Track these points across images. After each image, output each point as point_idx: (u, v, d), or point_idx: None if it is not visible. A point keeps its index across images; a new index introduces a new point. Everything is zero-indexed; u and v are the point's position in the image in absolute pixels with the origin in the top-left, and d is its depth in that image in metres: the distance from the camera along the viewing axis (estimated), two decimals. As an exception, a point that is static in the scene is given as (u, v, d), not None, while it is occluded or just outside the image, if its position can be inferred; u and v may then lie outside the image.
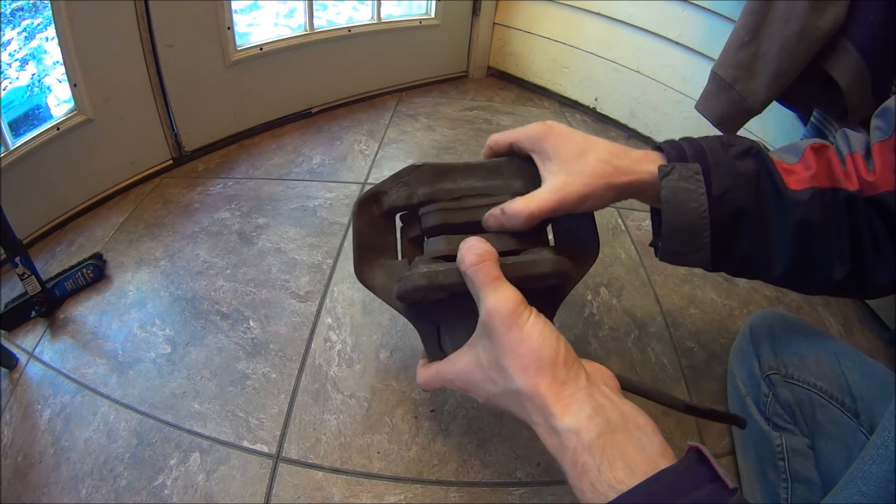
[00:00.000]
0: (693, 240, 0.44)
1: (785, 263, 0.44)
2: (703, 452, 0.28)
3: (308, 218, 1.11)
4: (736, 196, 0.43)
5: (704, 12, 1.22)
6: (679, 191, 0.42)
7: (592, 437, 0.29)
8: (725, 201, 0.42)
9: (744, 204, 0.43)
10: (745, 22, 0.88)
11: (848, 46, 0.80)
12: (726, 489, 0.26)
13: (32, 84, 1.06)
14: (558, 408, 0.30)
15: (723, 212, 0.43)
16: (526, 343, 0.32)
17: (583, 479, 0.28)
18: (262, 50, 1.29)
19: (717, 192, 0.42)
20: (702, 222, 0.43)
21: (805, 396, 0.59)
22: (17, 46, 1.03)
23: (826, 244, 0.43)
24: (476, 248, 0.35)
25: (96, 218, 1.11)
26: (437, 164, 0.44)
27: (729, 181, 0.43)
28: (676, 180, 0.43)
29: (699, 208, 0.43)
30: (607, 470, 0.28)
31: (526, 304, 0.33)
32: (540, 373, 0.31)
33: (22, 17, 1.02)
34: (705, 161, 0.43)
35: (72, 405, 0.76)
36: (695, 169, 0.43)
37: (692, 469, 0.27)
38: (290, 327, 0.88)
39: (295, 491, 0.68)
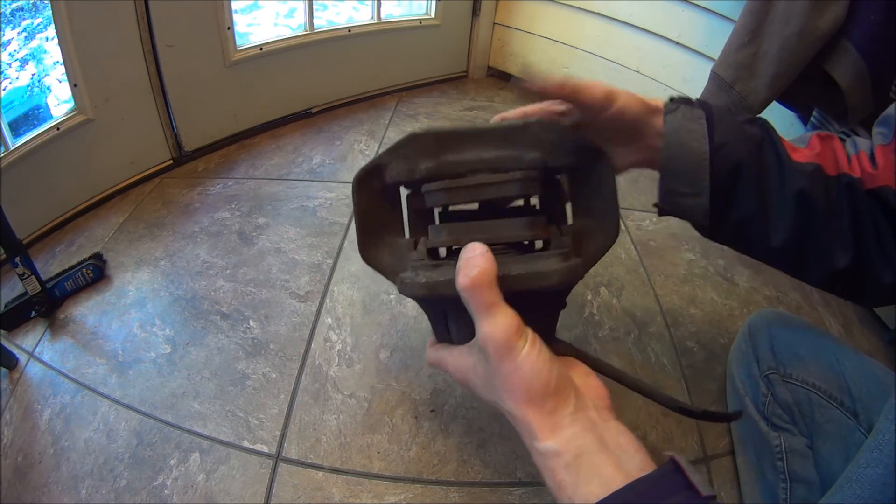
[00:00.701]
0: (692, 179, 0.44)
1: (785, 233, 0.44)
2: (678, 462, 0.29)
3: (308, 218, 1.11)
4: (737, 150, 0.43)
5: (704, 12, 1.22)
6: (681, 129, 0.43)
7: (570, 458, 0.30)
8: (726, 151, 0.43)
9: (744, 160, 0.43)
10: (745, 22, 0.88)
11: (848, 46, 0.80)
12: (699, 498, 0.27)
13: (32, 84, 1.06)
14: (542, 433, 0.31)
15: (722, 161, 0.43)
16: (517, 374, 0.32)
17: (561, 495, 0.30)
18: (262, 50, 1.29)
19: (718, 140, 0.43)
20: (701, 163, 0.43)
21: (804, 396, 0.59)
22: (17, 46, 1.03)
23: (828, 225, 0.43)
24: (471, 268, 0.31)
25: (96, 218, 1.11)
26: (440, 131, 0.38)
27: (731, 135, 0.43)
28: (680, 119, 0.43)
29: (700, 148, 0.43)
30: (583, 486, 0.29)
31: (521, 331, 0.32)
32: (527, 402, 0.32)
33: (22, 17, 1.02)
34: (710, 112, 0.44)
35: (72, 405, 0.77)
36: (699, 114, 0.44)
37: (667, 478, 0.28)
38: (290, 327, 0.88)
39: (295, 491, 0.68)
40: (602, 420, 0.32)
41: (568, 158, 0.37)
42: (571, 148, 0.37)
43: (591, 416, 0.32)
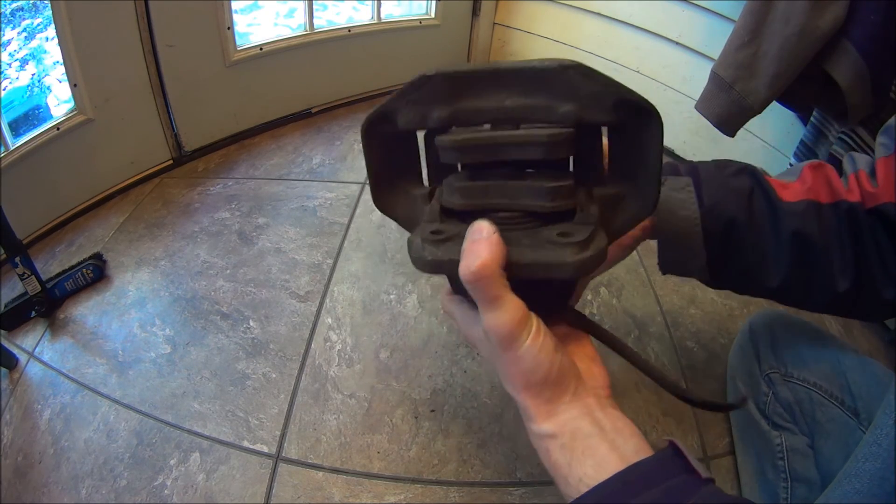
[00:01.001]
0: (687, 246, 0.46)
1: (783, 274, 0.45)
2: (677, 446, 0.29)
3: (308, 218, 1.11)
4: (727, 207, 0.45)
5: (704, 12, 1.22)
6: (670, 199, 0.45)
7: (565, 439, 0.30)
8: (717, 212, 0.45)
9: (736, 215, 0.45)
10: (745, 22, 0.88)
11: (848, 46, 0.80)
12: (699, 479, 0.27)
13: (32, 84, 1.06)
14: (539, 417, 0.32)
15: (715, 221, 0.45)
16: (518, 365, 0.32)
17: (557, 474, 0.31)
18: (262, 50, 1.29)
19: (708, 202, 0.45)
20: (694, 230, 0.45)
21: (805, 395, 0.59)
22: (17, 46, 1.03)
23: (825, 256, 0.44)
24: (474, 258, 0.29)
25: (96, 218, 1.11)
26: (455, 72, 0.32)
27: (721, 194, 0.45)
28: (667, 190, 0.45)
29: (691, 216, 0.45)
30: (577, 466, 0.29)
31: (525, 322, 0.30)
32: (527, 391, 0.32)
33: (22, 17, 1.02)
34: (697, 176, 0.46)
35: (72, 405, 0.77)
36: (685, 182, 0.46)
37: (666, 462, 0.28)
38: (290, 327, 0.88)
39: (295, 491, 0.68)
40: (600, 406, 0.32)
41: (609, 115, 0.31)
42: (614, 102, 0.31)
43: (589, 402, 0.32)
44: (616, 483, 0.27)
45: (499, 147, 0.31)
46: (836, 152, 0.91)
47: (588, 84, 0.31)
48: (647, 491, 0.26)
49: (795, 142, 1.05)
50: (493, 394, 0.80)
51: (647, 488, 0.27)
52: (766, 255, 0.46)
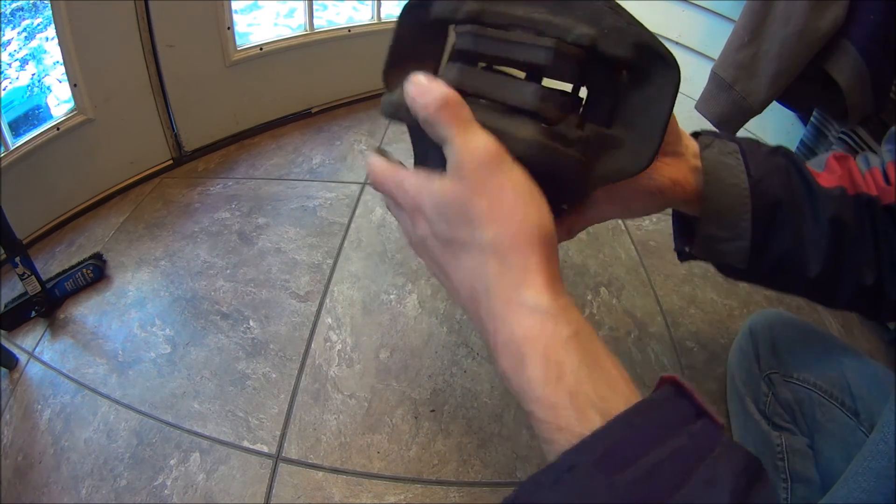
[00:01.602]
0: (732, 221, 0.41)
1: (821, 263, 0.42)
2: (681, 384, 0.23)
3: (308, 218, 1.11)
4: (772, 184, 0.41)
5: (704, 12, 1.22)
6: (720, 164, 0.40)
7: (572, 330, 0.23)
8: (764, 186, 0.40)
9: (780, 194, 0.41)
10: (745, 22, 0.88)
11: (848, 46, 0.80)
12: (717, 426, 0.22)
13: (32, 84, 1.06)
14: (539, 279, 0.23)
15: (762, 197, 0.40)
16: (511, 192, 0.24)
17: (557, 386, 0.22)
18: (262, 50, 1.29)
19: (755, 174, 0.40)
20: (743, 202, 0.40)
21: (805, 395, 0.59)
22: (17, 46, 1.03)
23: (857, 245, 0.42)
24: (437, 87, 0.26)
25: (96, 218, 1.11)
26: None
27: (764, 169, 0.41)
28: (717, 153, 0.40)
29: (740, 185, 0.40)
30: (588, 378, 0.22)
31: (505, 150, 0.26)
32: (525, 233, 0.24)
33: (22, 17, 1.03)
34: (741, 145, 0.41)
35: (72, 405, 0.76)
36: (732, 148, 0.41)
37: (674, 402, 0.23)
38: (290, 327, 0.88)
39: (295, 491, 0.68)
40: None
41: (625, 50, 0.31)
42: (634, 42, 0.31)
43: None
44: (628, 424, 0.21)
45: (508, 44, 0.31)
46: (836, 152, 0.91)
47: (614, 17, 0.31)
48: (669, 438, 0.21)
49: (795, 142, 1.05)
50: (493, 394, 0.80)
51: (669, 433, 0.21)
52: (805, 240, 0.42)
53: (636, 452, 0.20)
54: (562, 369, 0.22)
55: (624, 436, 0.20)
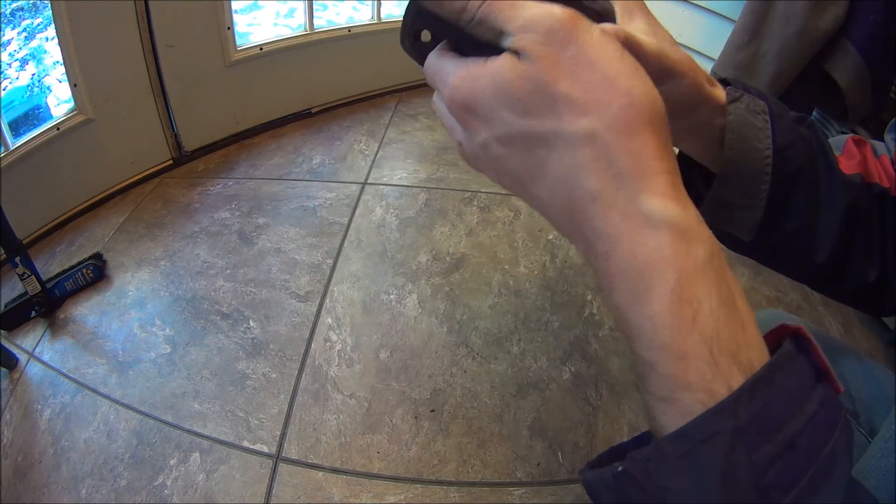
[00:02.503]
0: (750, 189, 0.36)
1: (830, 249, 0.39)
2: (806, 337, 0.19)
3: (308, 218, 1.11)
4: (797, 154, 0.36)
5: (704, 12, 1.22)
6: (746, 123, 0.35)
7: (708, 253, 0.17)
8: (787, 155, 0.36)
9: (803, 166, 0.37)
10: (745, 22, 0.88)
11: (848, 46, 0.80)
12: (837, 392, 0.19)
13: (32, 84, 1.06)
14: (662, 179, 0.18)
15: (784, 166, 0.36)
16: (600, 69, 0.18)
17: (691, 330, 0.17)
18: (262, 50, 1.29)
19: (781, 142, 0.35)
20: (764, 168, 0.36)
21: (805, 397, 0.59)
22: (17, 46, 1.03)
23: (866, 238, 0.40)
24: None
25: (96, 218, 1.11)
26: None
27: (791, 136, 0.36)
28: (744, 110, 0.35)
29: (763, 150, 0.35)
30: (725, 322, 0.17)
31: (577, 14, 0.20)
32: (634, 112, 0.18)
33: (22, 17, 1.03)
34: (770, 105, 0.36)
35: (72, 405, 0.77)
36: (762, 107, 0.36)
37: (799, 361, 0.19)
38: (290, 327, 0.88)
39: (295, 491, 0.68)
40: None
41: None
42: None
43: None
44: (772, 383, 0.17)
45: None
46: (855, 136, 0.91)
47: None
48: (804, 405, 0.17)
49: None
50: (493, 394, 0.80)
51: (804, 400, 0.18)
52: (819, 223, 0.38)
53: (780, 419, 0.17)
54: (698, 308, 0.17)
55: (766, 400, 0.16)
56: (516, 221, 1.10)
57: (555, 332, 0.89)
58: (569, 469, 0.72)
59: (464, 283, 0.96)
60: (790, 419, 0.16)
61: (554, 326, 0.90)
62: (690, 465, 0.16)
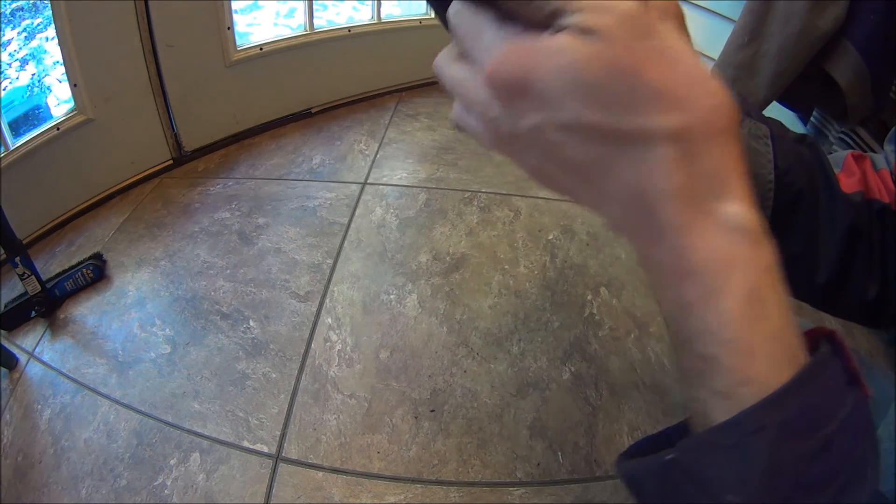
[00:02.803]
0: None
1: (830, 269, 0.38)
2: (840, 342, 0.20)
3: (308, 218, 1.11)
4: (798, 177, 0.36)
5: (704, 12, 1.22)
6: (749, 150, 0.33)
7: (772, 259, 0.18)
8: (789, 179, 0.35)
9: (804, 189, 0.36)
10: (745, 22, 0.88)
11: (848, 46, 0.80)
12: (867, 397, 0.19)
13: (32, 84, 1.06)
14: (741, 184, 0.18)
15: (785, 191, 0.35)
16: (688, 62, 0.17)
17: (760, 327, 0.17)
18: (262, 50, 1.29)
19: (782, 165, 0.35)
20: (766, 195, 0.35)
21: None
22: (17, 46, 1.03)
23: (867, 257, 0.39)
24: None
25: (96, 218, 1.11)
26: None
27: (792, 159, 0.36)
28: (746, 136, 0.34)
29: (766, 176, 0.34)
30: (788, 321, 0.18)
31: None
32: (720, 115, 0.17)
33: (22, 17, 1.02)
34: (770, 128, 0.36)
35: (72, 405, 0.77)
36: (764, 131, 0.35)
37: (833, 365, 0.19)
38: (290, 327, 0.88)
39: (295, 491, 0.68)
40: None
41: None
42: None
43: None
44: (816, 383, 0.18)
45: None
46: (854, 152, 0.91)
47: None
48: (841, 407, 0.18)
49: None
50: (493, 394, 0.80)
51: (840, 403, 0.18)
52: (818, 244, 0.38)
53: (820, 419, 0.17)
54: (766, 307, 0.18)
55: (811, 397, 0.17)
56: (516, 221, 1.10)
57: (555, 332, 0.89)
58: (569, 469, 0.72)
59: (464, 283, 0.96)
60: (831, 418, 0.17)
61: (554, 326, 0.90)
62: (740, 455, 0.16)
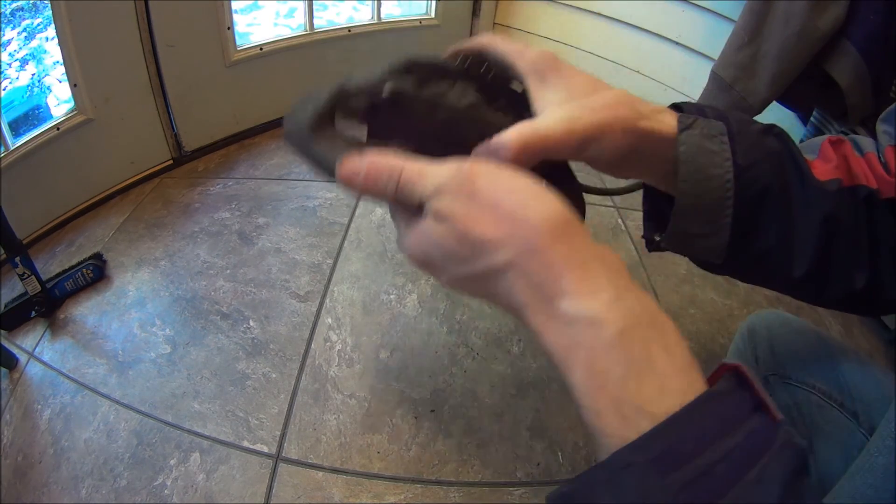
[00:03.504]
0: (711, 217, 0.36)
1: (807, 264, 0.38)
2: (744, 373, 0.22)
3: (308, 218, 1.11)
4: (762, 172, 0.35)
5: (704, 12, 1.22)
6: (701, 151, 0.34)
7: (615, 331, 0.21)
8: (751, 176, 0.35)
9: (770, 183, 0.36)
10: (745, 22, 0.88)
11: (848, 46, 0.80)
12: (774, 422, 0.21)
13: (32, 84, 1.06)
14: (571, 280, 0.22)
15: (748, 188, 0.35)
16: (503, 206, 0.23)
17: (600, 395, 0.21)
18: (262, 50, 1.29)
19: (743, 161, 0.34)
20: (725, 195, 0.35)
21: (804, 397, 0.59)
22: (17, 46, 1.03)
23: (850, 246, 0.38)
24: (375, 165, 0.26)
25: (96, 218, 1.11)
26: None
27: (755, 154, 0.35)
28: (698, 137, 0.34)
29: (723, 175, 0.35)
30: (634, 385, 0.21)
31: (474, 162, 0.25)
32: (537, 235, 0.22)
33: (22, 17, 1.02)
34: (729, 124, 0.35)
35: (72, 405, 0.77)
36: (719, 129, 0.35)
37: (735, 395, 0.22)
38: (290, 327, 0.88)
39: (295, 491, 0.68)
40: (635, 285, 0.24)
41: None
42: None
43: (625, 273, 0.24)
44: (684, 423, 0.20)
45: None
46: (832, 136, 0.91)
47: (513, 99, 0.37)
48: (724, 437, 0.20)
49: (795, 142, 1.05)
50: (493, 394, 0.80)
51: (724, 433, 0.20)
52: (792, 238, 0.37)
53: (692, 451, 0.20)
54: (605, 378, 0.21)
55: (679, 434, 0.20)
56: (516, 221, 1.10)
57: (555, 332, 0.89)
58: (569, 469, 0.72)
59: (464, 283, 0.96)
60: (704, 451, 0.20)
61: (554, 326, 0.90)
62: (615, 488, 0.20)
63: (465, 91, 0.35)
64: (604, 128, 0.31)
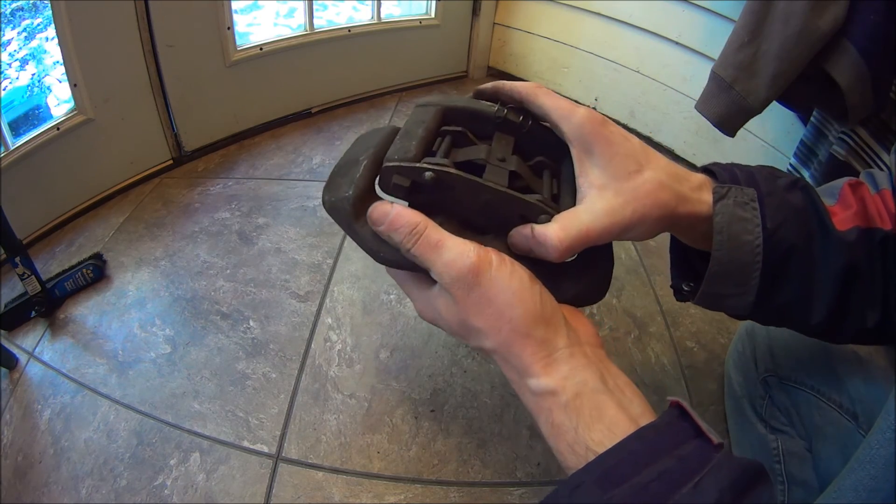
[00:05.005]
0: (741, 280, 0.38)
1: (825, 311, 0.39)
2: (684, 407, 0.26)
3: (308, 218, 1.11)
4: (789, 231, 0.37)
5: (704, 12, 1.22)
6: (735, 219, 0.36)
7: (569, 397, 0.27)
8: (778, 237, 0.37)
9: (795, 243, 0.37)
10: (745, 22, 0.88)
11: (848, 46, 0.80)
12: (711, 444, 0.25)
13: (32, 84, 1.06)
14: (535, 367, 0.28)
15: (775, 249, 0.37)
16: (494, 304, 0.28)
17: (560, 441, 0.27)
18: (262, 50, 1.29)
19: (771, 224, 0.36)
20: (754, 259, 0.37)
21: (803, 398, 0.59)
22: (17, 46, 1.03)
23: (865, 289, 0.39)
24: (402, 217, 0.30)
25: (96, 218, 1.11)
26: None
27: (782, 214, 0.37)
28: (732, 206, 0.36)
29: (753, 241, 0.37)
30: (584, 431, 0.26)
31: (484, 254, 0.29)
32: (512, 332, 0.28)
33: (22, 17, 1.02)
34: (758, 188, 0.37)
35: (72, 405, 0.77)
36: (750, 195, 0.37)
37: (674, 425, 0.26)
38: (290, 327, 0.88)
39: (295, 491, 0.68)
40: (599, 358, 0.30)
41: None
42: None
43: (587, 352, 0.30)
44: (622, 451, 0.25)
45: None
46: (837, 152, 0.91)
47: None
48: (658, 460, 0.24)
49: (795, 142, 1.05)
50: (493, 394, 0.80)
51: (658, 457, 0.24)
52: (813, 288, 0.39)
53: (629, 473, 0.24)
54: (561, 429, 0.27)
55: (617, 460, 0.25)
56: (516, 221, 1.10)
57: (554, 332, 0.89)
58: (568, 469, 0.72)
59: (464, 284, 0.96)
60: (639, 472, 0.24)
61: (554, 326, 0.90)
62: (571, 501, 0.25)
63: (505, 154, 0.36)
64: (645, 217, 0.34)
